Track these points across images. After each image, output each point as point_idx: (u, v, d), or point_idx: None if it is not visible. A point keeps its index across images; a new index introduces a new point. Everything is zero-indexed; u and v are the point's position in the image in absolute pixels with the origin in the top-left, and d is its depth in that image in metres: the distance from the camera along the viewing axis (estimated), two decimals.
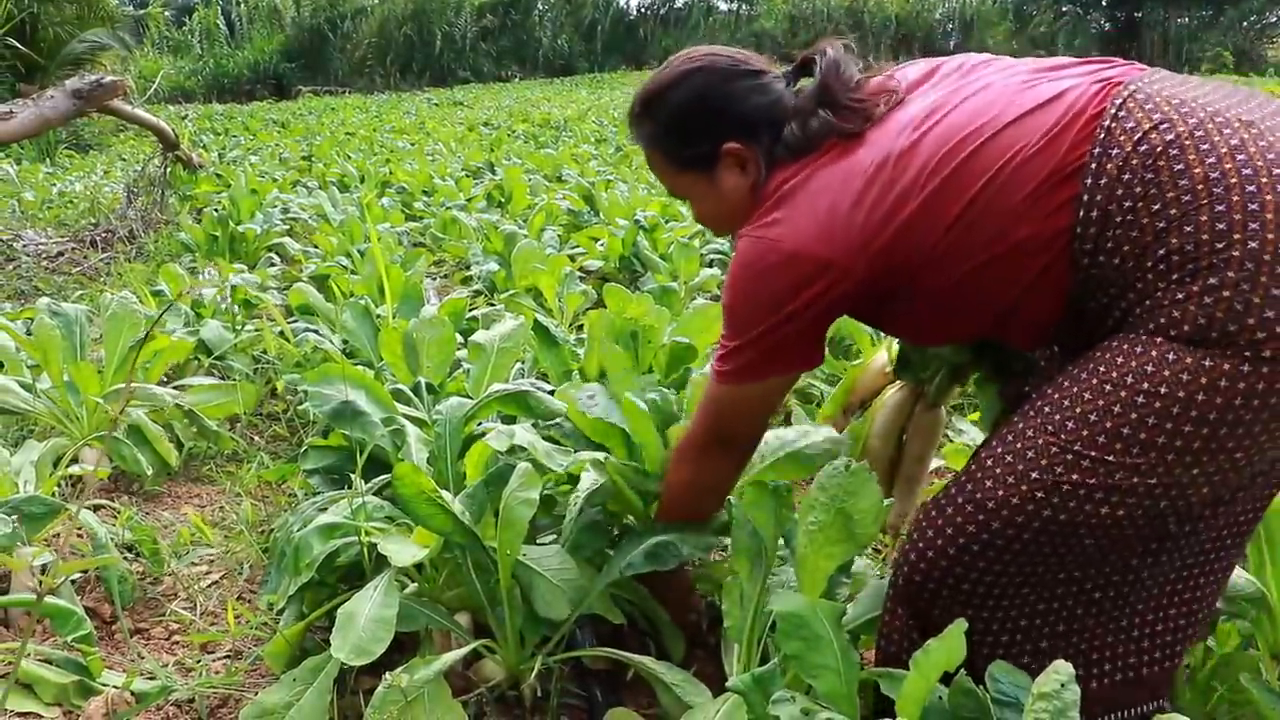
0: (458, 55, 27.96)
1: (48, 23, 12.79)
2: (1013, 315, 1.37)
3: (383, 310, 3.20)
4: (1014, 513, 1.28)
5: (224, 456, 2.76)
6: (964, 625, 1.26)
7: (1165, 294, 1.20)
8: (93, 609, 1.96)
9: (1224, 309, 1.16)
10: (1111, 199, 1.23)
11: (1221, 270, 1.16)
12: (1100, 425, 1.23)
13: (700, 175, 1.55)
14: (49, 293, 4.52)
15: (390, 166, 8.71)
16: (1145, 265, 1.22)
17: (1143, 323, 1.23)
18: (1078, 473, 1.24)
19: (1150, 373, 1.20)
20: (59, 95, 5.97)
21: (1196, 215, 1.18)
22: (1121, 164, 1.23)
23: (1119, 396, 1.22)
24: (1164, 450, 1.20)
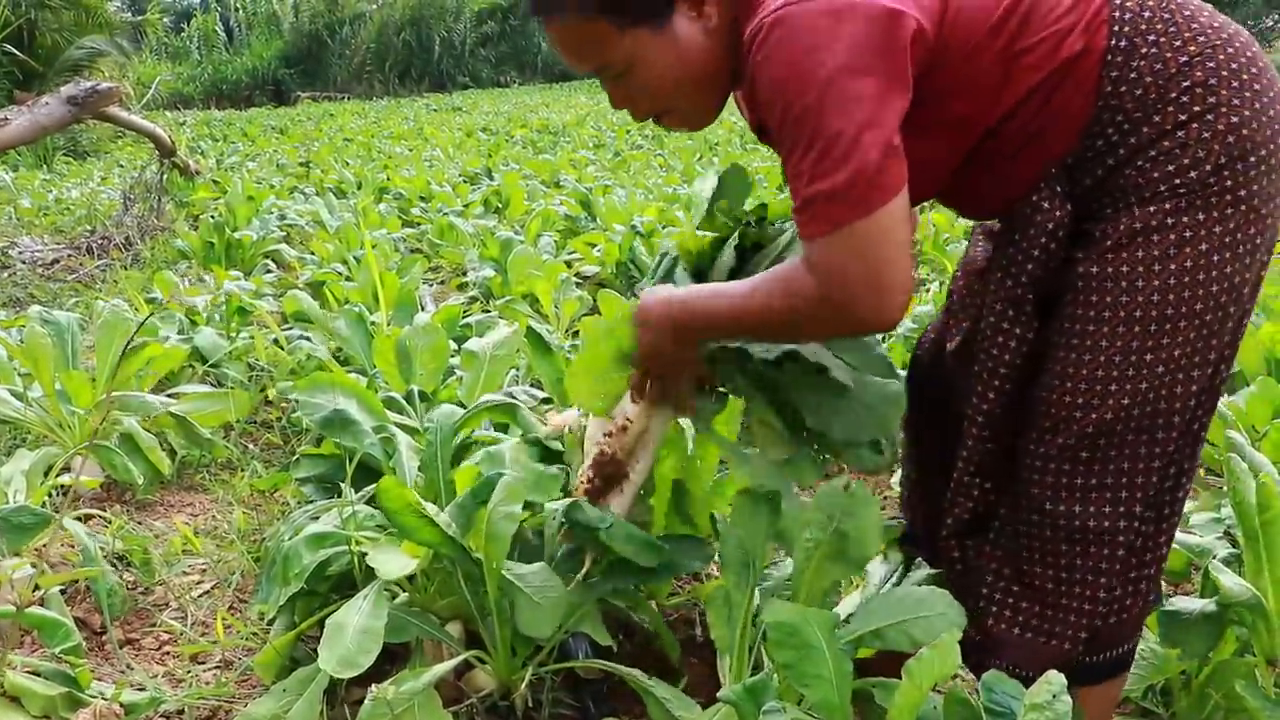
0: (456, 61, 28.02)
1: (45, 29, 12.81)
2: (1029, 141, 1.34)
3: (377, 317, 3.19)
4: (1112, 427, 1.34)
5: (217, 465, 2.75)
6: (957, 635, 1.25)
7: (1188, 133, 1.26)
8: (83, 619, 1.94)
9: (1242, 144, 1.26)
10: (1136, 31, 1.28)
11: (1239, 109, 1.26)
12: (1147, 316, 1.30)
13: (650, 30, 1.34)
14: (44, 300, 4.51)
15: (388, 173, 8.70)
16: (1169, 97, 1.27)
17: (1158, 166, 1.28)
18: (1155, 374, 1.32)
19: (1174, 254, 1.28)
20: (55, 102, 5.98)
21: (1214, 54, 1.27)
22: (1139, 3, 1.29)
23: (1153, 285, 1.29)
24: (1202, 313, 1.30)
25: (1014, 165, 1.36)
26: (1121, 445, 1.36)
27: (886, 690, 1.34)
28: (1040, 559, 1.42)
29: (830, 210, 1.22)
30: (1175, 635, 1.58)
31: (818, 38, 1.20)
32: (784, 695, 1.37)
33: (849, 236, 1.23)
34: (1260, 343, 2.87)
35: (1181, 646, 1.57)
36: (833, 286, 1.26)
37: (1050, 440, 1.38)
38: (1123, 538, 1.39)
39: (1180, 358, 1.33)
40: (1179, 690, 1.68)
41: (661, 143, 11.47)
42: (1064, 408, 1.36)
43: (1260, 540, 1.58)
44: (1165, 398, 1.35)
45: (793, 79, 1.21)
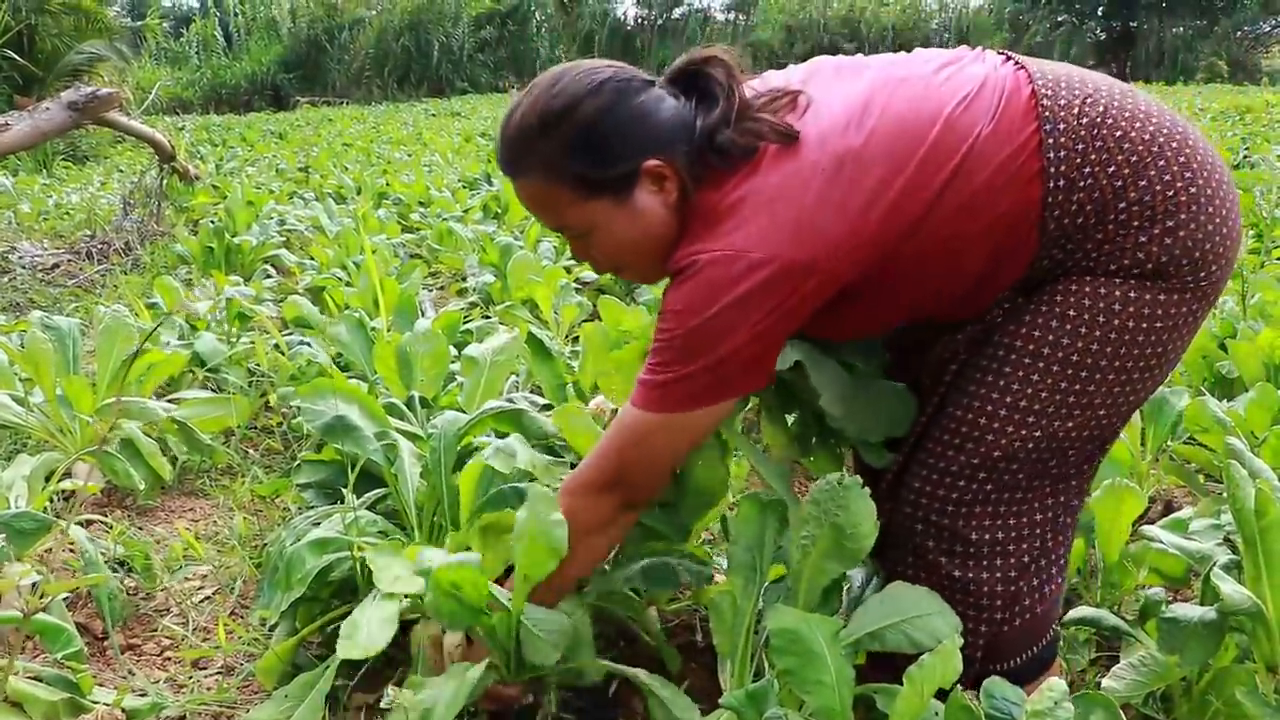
0: (455, 66, 28.02)
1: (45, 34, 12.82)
2: (979, 285, 1.43)
3: (378, 323, 3.20)
4: (1015, 453, 1.43)
5: (218, 470, 2.75)
6: (959, 641, 1.25)
7: (1128, 239, 1.36)
8: (84, 625, 1.95)
9: (1180, 246, 1.35)
10: (1073, 168, 1.35)
11: (1175, 214, 1.35)
12: (1083, 363, 1.39)
13: (613, 201, 1.41)
14: (44, 305, 4.51)
15: (387, 178, 8.71)
16: (1107, 219, 1.36)
17: (1103, 265, 1.37)
18: (1072, 416, 1.42)
19: (1118, 310, 1.37)
20: (55, 107, 5.99)
21: (1146, 171, 1.35)
22: (1072, 136, 1.35)
23: (1094, 335, 1.38)
24: (1130, 371, 1.41)
25: (970, 297, 1.46)
26: (1019, 473, 1.45)
27: (888, 696, 1.35)
28: (923, 568, 1.51)
29: (672, 394, 1.38)
30: (1175, 642, 1.58)
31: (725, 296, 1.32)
32: (785, 701, 1.37)
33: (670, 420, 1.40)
34: (1259, 349, 2.88)
35: (1181, 653, 1.57)
36: (641, 454, 1.44)
37: (951, 456, 1.45)
38: (1013, 558, 1.48)
39: (1100, 407, 1.43)
40: (1179, 697, 1.69)
41: None
42: (976, 428, 1.43)
43: (1259, 546, 1.58)
44: (1075, 439, 1.44)
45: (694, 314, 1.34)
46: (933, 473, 1.47)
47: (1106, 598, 2.01)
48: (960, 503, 1.46)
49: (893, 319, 1.53)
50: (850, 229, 1.31)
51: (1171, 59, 29.88)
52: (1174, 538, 1.81)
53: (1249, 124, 12.00)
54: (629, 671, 1.66)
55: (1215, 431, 2.37)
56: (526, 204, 1.46)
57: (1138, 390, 1.44)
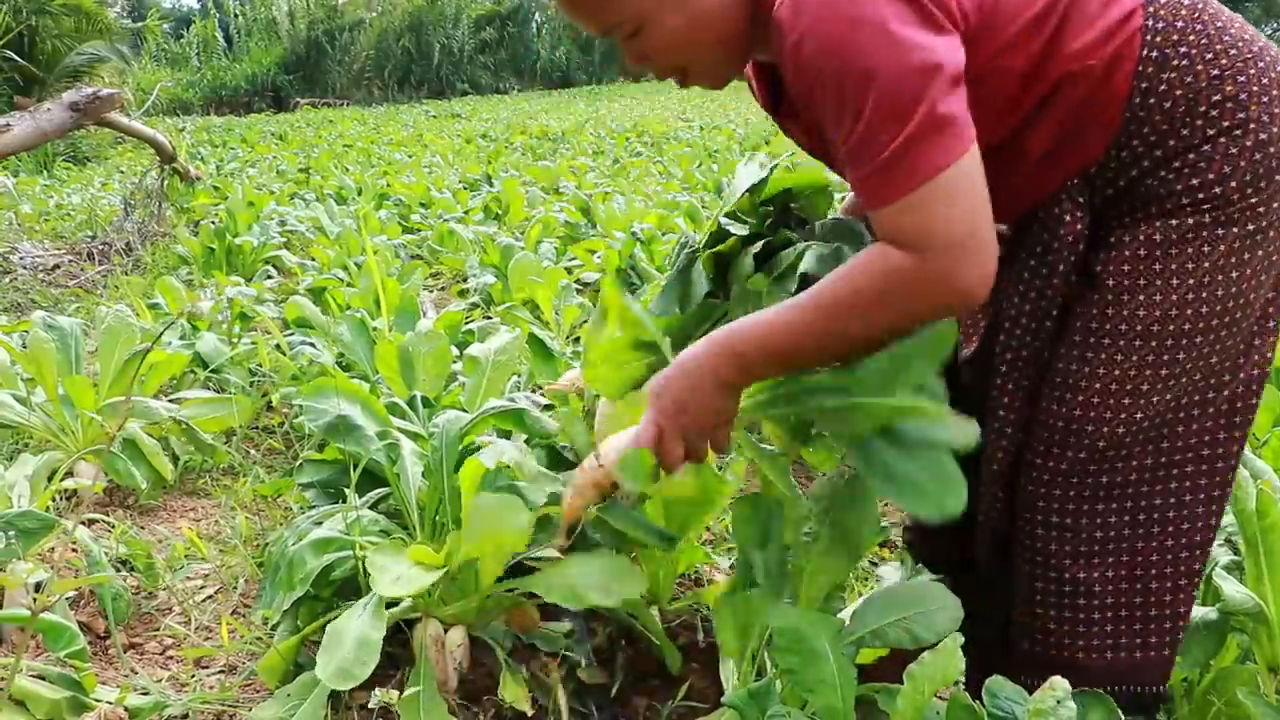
0: (455, 68, 28.06)
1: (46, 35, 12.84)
2: (1057, 145, 1.31)
3: (379, 323, 3.20)
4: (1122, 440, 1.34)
5: (220, 470, 2.76)
6: (959, 639, 1.25)
7: (1215, 147, 1.25)
8: (87, 624, 1.95)
9: (1268, 163, 1.25)
10: (1168, 42, 1.26)
11: (1268, 125, 1.25)
12: (1164, 330, 1.30)
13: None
14: (45, 306, 4.52)
15: (388, 179, 8.71)
16: (1197, 110, 1.26)
17: (1183, 179, 1.27)
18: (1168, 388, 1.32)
19: (1191, 269, 1.27)
20: (56, 108, 5.99)
21: (1245, 68, 1.25)
22: (1173, 12, 1.27)
23: (1171, 299, 1.29)
24: (1216, 328, 1.30)
25: (1037, 170, 1.34)
26: (1130, 459, 1.35)
27: (890, 696, 1.35)
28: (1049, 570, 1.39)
29: (914, 162, 1.12)
30: None
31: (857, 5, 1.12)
32: (788, 700, 1.38)
33: (938, 187, 1.12)
34: None
35: (1182, 654, 1.57)
36: (935, 248, 1.13)
37: (1058, 454, 1.37)
38: (1140, 555, 1.37)
39: (1194, 371, 1.32)
40: (1180, 697, 1.69)
41: (660, 150, 11.48)
42: (1073, 421, 1.35)
43: (1260, 547, 1.59)
44: (1177, 411, 1.34)
45: (840, 47, 1.13)
46: (1043, 474, 1.38)
47: None
48: (1079, 499, 1.37)
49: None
50: None
51: None
52: None
53: None
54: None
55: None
56: (570, 10, 1.32)
57: (1225, 345, 1.33)
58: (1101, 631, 1.38)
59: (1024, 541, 1.42)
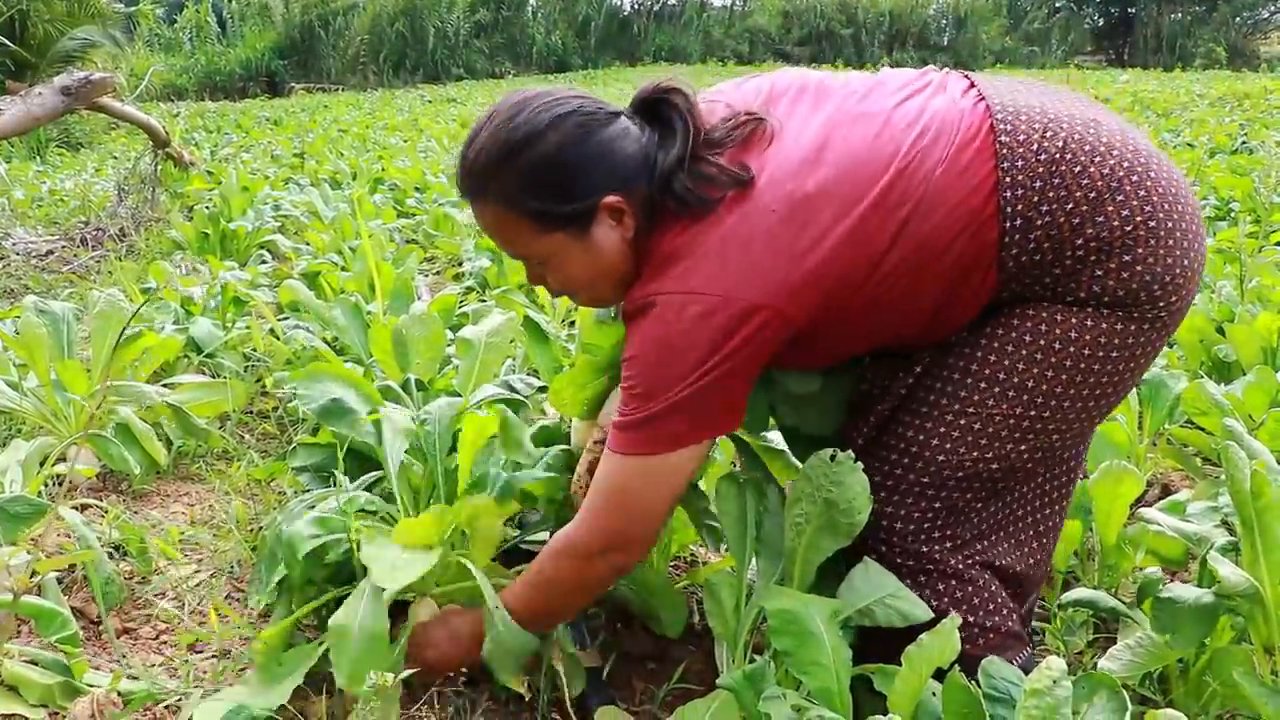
0: (451, 52, 27.91)
1: (38, 20, 12.72)
2: (937, 321, 1.43)
3: (374, 307, 3.18)
4: (967, 474, 1.45)
5: (213, 454, 2.75)
6: (957, 620, 1.25)
7: (1084, 273, 1.37)
8: (79, 609, 1.94)
9: (1138, 279, 1.36)
10: (1029, 206, 1.35)
11: (1133, 248, 1.35)
12: (1038, 389, 1.41)
13: (570, 235, 1.41)
14: (38, 291, 4.49)
15: (383, 163, 8.68)
16: (1064, 254, 1.36)
17: (1061, 296, 1.39)
18: (1025, 439, 1.43)
19: (1074, 338, 1.38)
20: (48, 92, 5.94)
21: (1104, 206, 1.35)
22: (1030, 174, 1.35)
23: (1050, 362, 1.39)
24: (1085, 398, 1.42)
25: (928, 331, 1.46)
26: (967, 494, 1.46)
27: (886, 677, 1.34)
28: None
29: (643, 437, 1.38)
30: (1170, 623, 1.58)
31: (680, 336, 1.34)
32: (783, 682, 1.37)
33: (644, 466, 1.40)
34: (1257, 333, 2.88)
35: (1176, 634, 1.57)
36: (627, 500, 1.43)
37: (900, 474, 1.47)
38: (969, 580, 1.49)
39: (1054, 431, 1.44)
40: (1176, 678, 1.69)
41: None
42: (928, 447, 1.44)
43: (1256, 528, 1.58)
44: (1028, 461, 1.46)
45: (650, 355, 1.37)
46: (880, 489, 1.47)
47: (1104, 579, 2.01)
48: (914, 520, 1.47)
49: (852, 352, 1.55)
50: (798, 272, 1.32)
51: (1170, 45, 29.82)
52: (1172, 520, 1.80)
53: (1247, 110, 11.99)
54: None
55: (1213, 414, 2.37)
56: (485, 229, 1.48)
57: (1092, 415, 1.46)
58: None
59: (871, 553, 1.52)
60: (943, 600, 1.47)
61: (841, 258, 1.32)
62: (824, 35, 31.70)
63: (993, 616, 1.50)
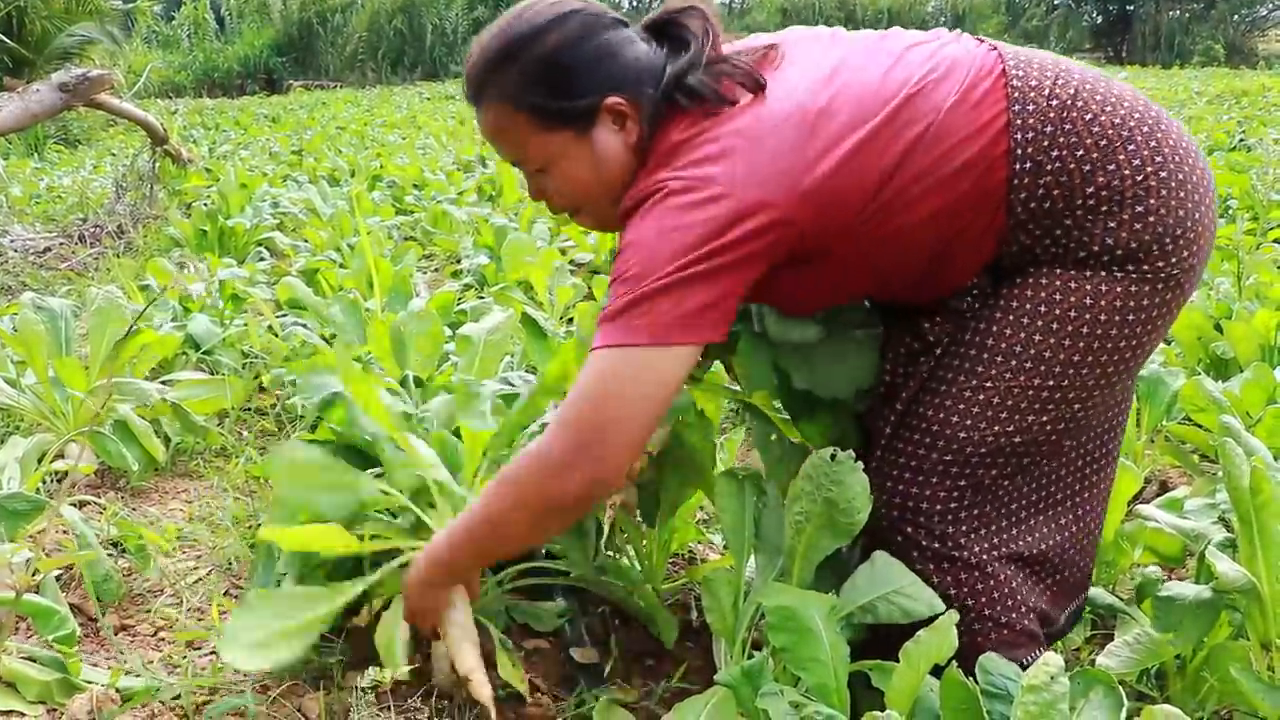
0: (449, 49, 27.85)
1: (35, 16, 12.69)
2: (942, 263, 1.42)
3: (372, 304, 3.18)
4: (990, 450, 1.43)
5: (212, 451, 2.75)
6: (955, 616, 1.25)
7: (1096, 225, 1.35)
8: (78, 606, 1.93)
9: (1150, 231, 1.35)
10: (1039, 149, 1.34)
11: (1145, 199, 1.34)
12: (1055, 359, 1.39)
13: (573, 134, 1.39)
14: (36, 288, 4.49)
15: (381, 161, 8.67)
16: (1075, 203, 1.35)
17: (1073, 253, 1.37)
18: (1045, 409, 1.41)
19: (1089, 304, 1.37)
20: (45, 89, 5.94)
21: (1115, 155, 1.34)
22: (1041, 117, 1.35)
23: (1066, 330, 1.38)
24: (1105, 364, 1.41)
25: (930, 269, 1.44)
26: (993, 470, 1.44)
27: (884, 673, 1.34)
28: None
29: (624, 327, 1.28)
30: (1170, 620, 1.58)
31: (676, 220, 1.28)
32: (781, 678, 1.37)
33: (625, 358, 1.29)
34: (1255, 330, 2.88)
35: (1176, 631, 1.58)
36: (610, 397, 1.28)
37: (923, 455, 1.45)
38: (999, 561, 1.47)
39: (1074, 401, 1.42)
40: (1173, 674, 1.69)
41: None
42: (949, 425, 1.43)
43: (1254, 524, 1.58)
44: (1051, 434, 1.44)
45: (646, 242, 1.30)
46: (905, 471, 1.46)
47: (1102, 576, 2.01)
48: (940, 501, 1.45)
49: (853, 290, 1.52)
50: (807, 176, 1.30)
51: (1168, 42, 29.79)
52: (1169, 517, 1.81)
53: (1245, 107, 12.00)
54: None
55: (1211, 411, 2.37)
56: (486, 132, 1.45)
57: (1113, 383, 1.45)
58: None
59: (889, 542, 1.50)
60: (961, 590, 1.45)
61: (850, 168, 1.31)
62: None
63: (1009, 613, 1.47)
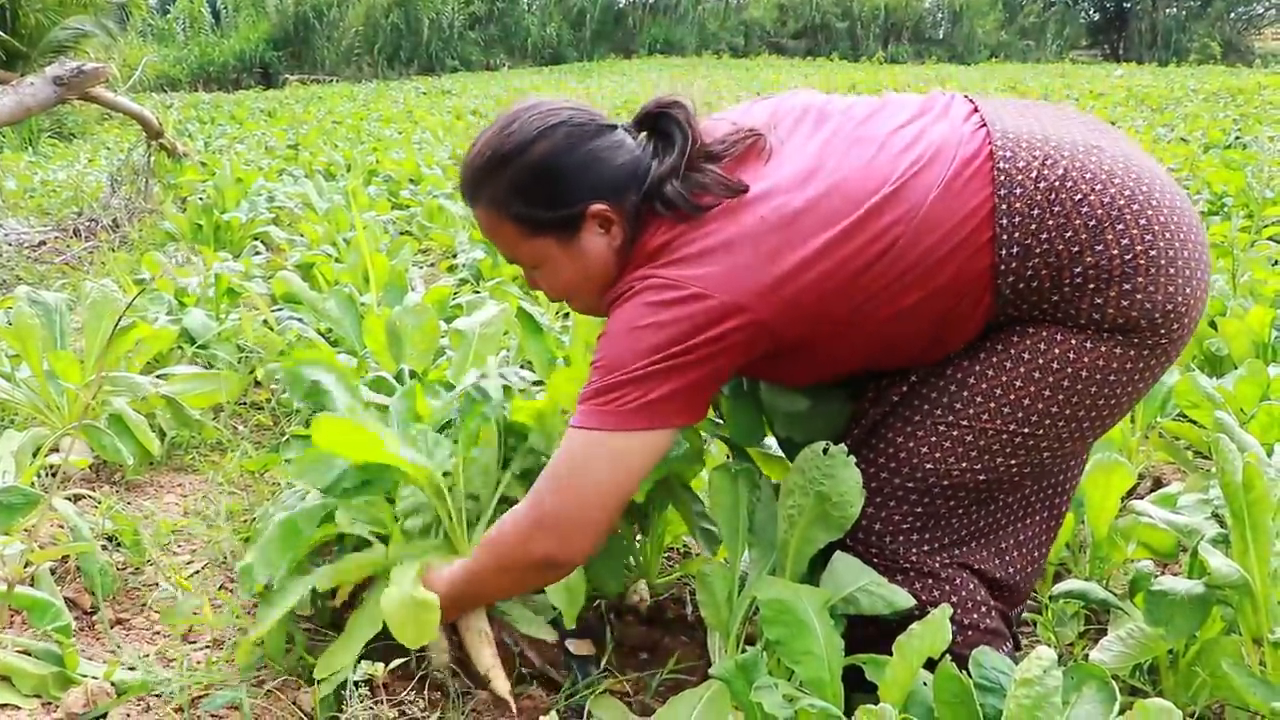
0: (445, 44, 27.84)
1: (29, 9, 12.67)
2: (933, 343, 1.44)
3: (368, 298, 3.18)
4: (953, 484, 1.45)
5: (207, 446, 2.75)
6: (948, 610, 1.26)
7: (1084, 300, 1.36)
8: (73, 599, 1.94)
9: (1137, 307, 1.35)
10: (1027, 234, 1.35)
11: (1133, 277, 1.35)
12: (1034, 408, 1.40)
13: (558, 240, 1.46)
14: (31, 282, 4.48)
15: (377, 155, 8.65)
16: (1063, 282, 1.36)
17: (1061, 321, 1.39)
18: (1015, 454, 1.43)
19: (1073, 359, 1.38)
20: (40, 82, 5.91)
21: (1104, 235, 1.34)
22: (1029, 202, 1.35)
23: (1048, 382, 1.39)
24: (1081, 419, 1.42)
25: (921, 356, 1.48)
26: (951, 502, 1.46)
27: (877, 666, 1.35)
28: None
29: (599, 411, 1.35)
30: (1162, 614, 1.58)
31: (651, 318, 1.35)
32: (775, 672, 1.38)
33: (597, 441, 1.36)
34: (1249, 327, 2.89)
35: (1168, 626, 1.58)
36: (573, 476, 1.38)
37: (886, 478, 1.47)
38: (950, 587, 1.49)
39: (1045, 450, 1.44)
40: (1165, 669, 1.70)
41: None
42: (916, 455, 1.45)
43: (1246, 520, 1.59)
44: (1016, 476, 1.46)
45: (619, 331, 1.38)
46: (865, 492, 1.47)
47: (1095, 571, 2.02)
48: (893, 524, 1.47)
49: (845, 369, 1.54)
50: (783, 281, 1.33)
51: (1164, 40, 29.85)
52: (1163, 512, 1.81)
53: (1241, 105, 12.02)
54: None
55: (1205, 407, 2.38)
56: (483, 232, 1.53)
57: (1085, 434, 1.46)
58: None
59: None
60: (919, 598, 1.46)
61: (822, 268, 1.33)
62: (819, 28, 31.68)
63: (971, 614, 1.49)
